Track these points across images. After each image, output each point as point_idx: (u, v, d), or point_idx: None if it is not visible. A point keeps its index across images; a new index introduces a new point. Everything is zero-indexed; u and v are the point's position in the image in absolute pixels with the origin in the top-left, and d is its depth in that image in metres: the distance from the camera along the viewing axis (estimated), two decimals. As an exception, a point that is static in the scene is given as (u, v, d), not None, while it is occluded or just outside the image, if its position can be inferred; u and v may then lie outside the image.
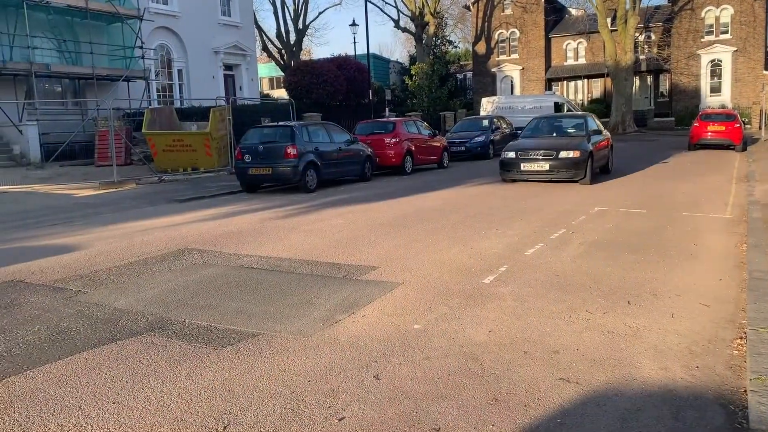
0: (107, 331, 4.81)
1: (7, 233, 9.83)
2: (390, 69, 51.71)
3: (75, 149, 21.43)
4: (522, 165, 13.48)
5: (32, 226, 10.40)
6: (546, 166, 13.20)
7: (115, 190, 15.57)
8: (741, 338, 4.25)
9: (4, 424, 3.33)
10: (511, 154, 13.85)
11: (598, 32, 36.76)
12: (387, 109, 33.94)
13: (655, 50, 40.86)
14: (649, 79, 43.19)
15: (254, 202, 12.75)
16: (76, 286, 6.17)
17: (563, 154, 13.16)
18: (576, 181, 13.39)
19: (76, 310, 5.38)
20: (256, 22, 35.37)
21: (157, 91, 27.67)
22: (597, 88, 44.65)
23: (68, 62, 23.29)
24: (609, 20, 35.33)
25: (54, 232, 9.79)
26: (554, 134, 15.02)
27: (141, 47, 24.33)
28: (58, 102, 23.82)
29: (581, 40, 44.03)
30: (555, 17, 45.29)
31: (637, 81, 41.38)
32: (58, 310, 5.39)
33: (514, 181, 14.09)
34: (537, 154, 13.42)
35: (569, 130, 15.01)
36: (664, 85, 42.82)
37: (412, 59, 46.55)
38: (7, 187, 15.40)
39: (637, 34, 37.25)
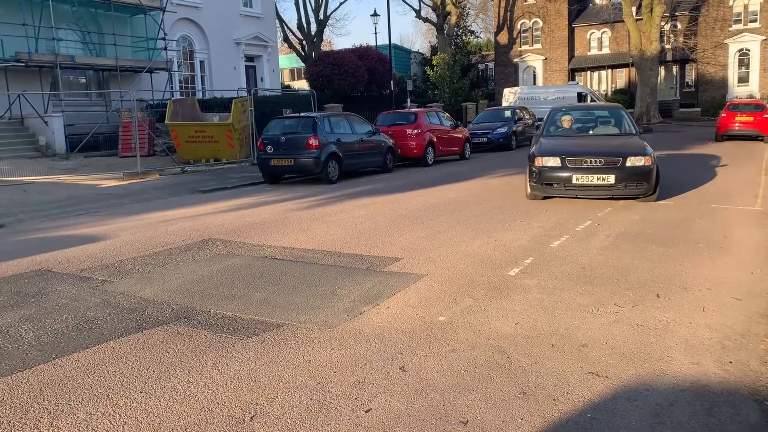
0: (133, 320, 4.84)
1: (34, 223, 9.96)
2: (411, 60, 51.46)
3: (99, 140, 21.64)
4: (574, 177, 9.25)
5: (58, 216, 10.53)
6: (611, 178, 9.07)
7: (138, 180, 15.71)
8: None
9: (34, 412, 3.36)
10: (554, 161, 9.48)
11: (623, 21, 36.19)
12: (408, 100, 33.80)
13: (681, 39, 40.13)
14: (675, 68, 42.46)
15: (276, 193, 12.78)
16: (102, 276, 6.22)
17: (632, 161, 9.15)
18: (637, 199, 9.77)
19: (102, 299, 5.42)
20: (277, 13, 35.36)
21: (180, 82, 27.81)
22: (621, 78, 44.01)
23: (92, 54, 23.47)
24: (634, 9, 34.75)
25: (79, 222, 9.89)
26: (594, 133, 11.37)
27: (164, 39, 24.45)
28: (82, 93, 24.06)
29: (605, 29, 43.40)
30: (578, 6, 44.68)
31: (662, 71, 40.71)
32: (85, 299, 5.44)
33: (547, 197, 10.18)
34: (595, 162, 9.23)
35: (611, 128, 11.39)
36: (690, 75, 42.07)
37: (434, 50, 46.29)
38: (34, 177, 15.61)
39: (662, 23, 36.58)
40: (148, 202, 11.92)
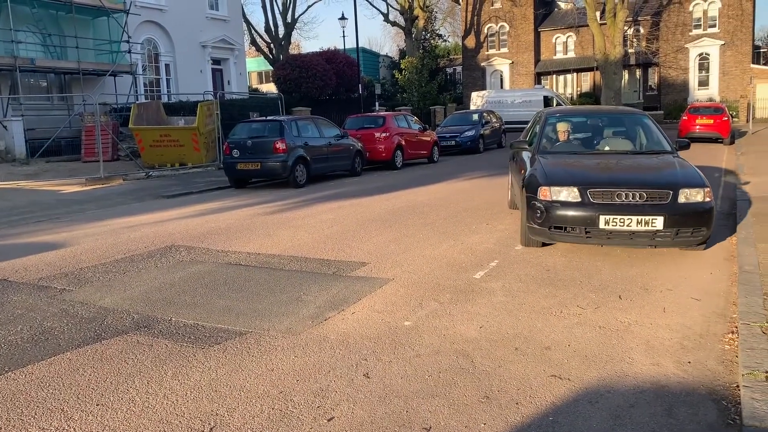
0: (92, 330, 4.72)
1: (-9, 230, 9.67)
2: (380, 63, 51.54)
3: (61, 145, 21.20)
4: (603, 219, 6.07)
5: (17, 223, 10.25)
6: (657, 221, 5.97)
7: (101, 186, 15.40)
8: (732, 333, 4.23)
9: (-17, 428, 3.25)
10: (569, 194, 6.33)
11: (588, 26, 36.78)
12: (377, 104, 33.83)
13: (643, 44, 40.94)
14: (638, 72, 43.26)
15: (243, 198, 12.64)
16: (61, 285, 6.06)
17: (686, 195, 6.16)
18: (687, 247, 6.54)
19: (60, 309, 5.28)
20: (244, 16, 35.10)
21: (144, 85, 27.39)
22: (586, 81, 44.68)
23: (53, 57, 22.99)
24: (598, 14, 35.34)
25: (39, 229, 9.64)
26: (611, 149, 7.78)
27: (127, 41, 24.07)
28: (43, 97, 23.53)
29: (570, 33, 44.04)
30: (544, 11, 45.26)
31: (626, 74, 41.46)
32: (42, 309, 5.29)
33: (549, 241, 6.99)
34: (634, 196, 6.14)
35: (631, 142, 7.92)
36: (653, 79, 42.92)
37: (402, 53, 46.46)
38: (-8, 183, 15.20)
39: (626, 28, 37.28)
40: (110, 208, 11.69)
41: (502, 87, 44.17)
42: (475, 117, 25.00)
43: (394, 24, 45.90)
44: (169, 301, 5.39)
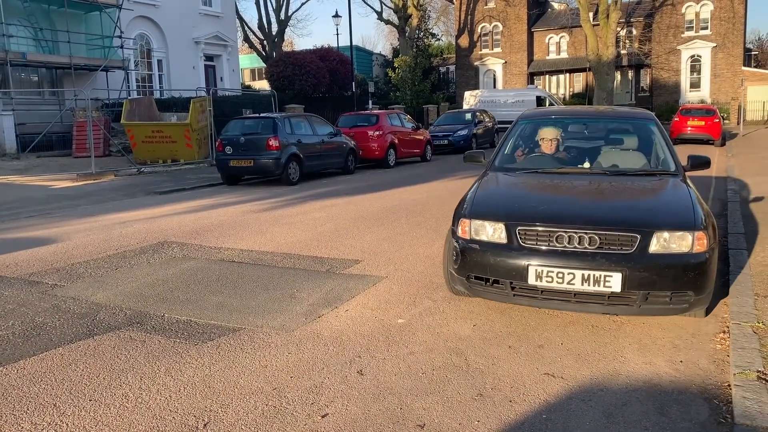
0: (84, 326, 4.70)
1: (-19, 225, 9.60)
2: (373, 61, 51.53)
3: (52, 140, 21.07)
4: (535, 272, 4.21)
5: (7, 219, 10.18)
6: (613, 280, 4.06)
7: (93, 181, 15.31)
8: (724, 332, 4.26)
9: (-25, 423, 3.22)
10: (493, 231, 4.49)
11: (581, 26, 36.91)
12: (370, 102, 33.81)
13: (636, 45, 41.13)
14: (630, 73, 43.49)
15: (235, 195, 12.61)
16: (53, 280, 6.03)
17: (661, 240, 4.17)
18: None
19: (51, 304, 5.25)
20: (237, 13, 34.98)
21: (137, 81, 27.27)
22: (579, 82, 44.87)
23: (45, 51, 22.83)
24: (591, 15, 35.48)
25: (30, 224, 9.58)
26: (593, 168, 5.62)
27: (120, 36, 23.94)
28: (34, 92, 23.38)
29: (564, 34, 44.19)
30: (538, 11, 45.40)
31: (618, 76, 41.66)
32: (34, 304, 5.26)
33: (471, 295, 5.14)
34: (579, 238, 4.22)
35: (629, 156, 5.86)
36: (645, 80, 43.15)
37: (396, 52, 46.45)
38: (-18, 178, 15.09)
39: (618, 29, 37.45)
40: (102, 204, 11.63)
41: (495, 87, 44.27)
42: (468, 116, 25.04)
43: (387, 22, 45.89)
44: (161, 298, 5.37)
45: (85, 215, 10.28)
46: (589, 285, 4.06)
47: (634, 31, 42.12)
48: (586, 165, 5.54)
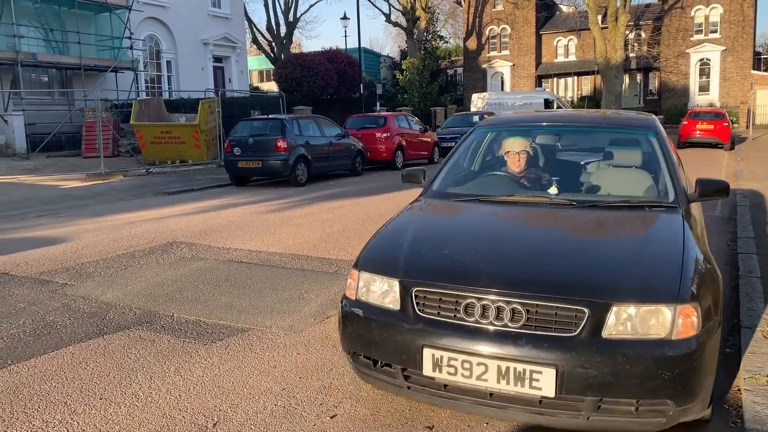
0: (94, 325, 4.72)
1: (-9, 224, 9.67)
2: (381, 63, 51.57)
3: (62, 140, 21.19)
4: (431, 359, 2.80)
5: (17, 218, 10.24)
6: (544, 380, 2.63)
7: (102, 181, 15.39)
8: (734, 337, 4.24)
9: (-13, 420, 3.25)
10: (387, 293, 3.05)
11: (589, 29, 36.81)
12: (378, 104, 33.86)
13: (645, 48, 41.02)
14: (639, 76, 43.36)
15: (243, 196, 12.65)
16: (63, 279, 6.07)
17: (621, 317, 2.66)
18: None
19: (62, 303, 5.28)
20: (246, 14, 35.09)
21: (146, 82, 27.40)
22: (587, 85, 44.77)
23: (55, 52, 22.98)
24: (600, 17, 35.40)
25: (40, 223, 9.64)
26: (561, 197, 3.90)
27: (129, 38, 24.07)
28: (44, 92, 23.53)
29: (572, 37, 44.11)
30: (546, 14, 45.34)
31: (626, 79, 41.53)
32: (44, 303, 5.30)
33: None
34: (500, 312, 2.76)
35: (619, 177, 4.24)
36: (654, 84, 43.01)
37: (403, 54, 46.47)
38: (-8, 177, 15.19)
39: (627, 32, 37.35)
40: (111, 204, 11.68)
41: (502, 89, 44.22)
42: (476, 119, 24.97)
43: (395, 24, 45.92)
44: (170, 297, 5.40)
45: (94, 215, 10.33)
46: (508, 383, 2.66)
47: (643, 34, 42.00)
48: (553, 191, 3.92)
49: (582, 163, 4.66)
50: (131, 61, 24.22)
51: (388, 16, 45.40)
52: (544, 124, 4.97)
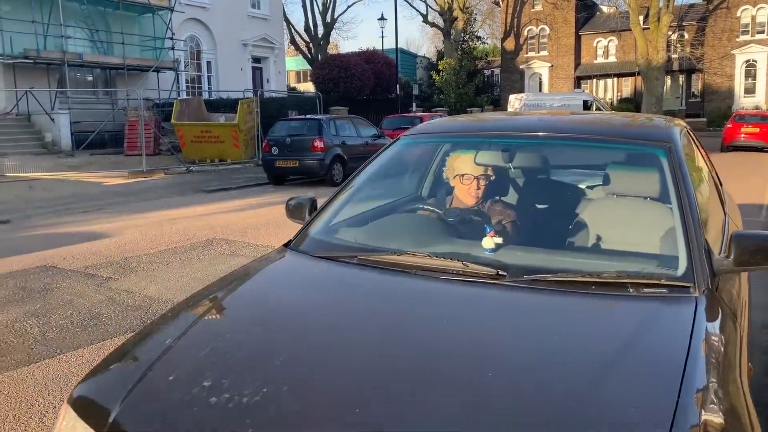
0: (138, 317, 4.85)
1: (39, 219, 10.00)
2: (417, 64, 51.57)
3: (105, 138, 21.73)
4: None
5: (63, 213, 10.56)
6: None
7: (143, 179, 15.75)
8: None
9: (39, 406, 3.38)
10: None
11: (630, 30, 36.22)
12: (414, 104, 33.88)
13: (688, 49, 40.14)
14: (681, 78, 42.46)
15: (281, 194, 12.81)
16: (107, 273, 6.25)
17: None
18: None
19: (107, 296, 5.44)
20: (284, 15, 35.50)
21: (186, 82, 27.92)
22: (627, 86, 44.03)
23: (100, 52, 23.60)
24: (641, 18, 34.79)
25: (84, 219, 9.93)
26: (483, 261, 2.24)
27: (171, 38, 24.56)
28: (89, 91, 24.17)
29: (612, 37, 43.43)
30: (586, 14, 44.72)
31: (668, 80, 40.71)
32: (90, 295, 5.46)
33: None
34: None
35: (588, 233, 2.50)
36: (696, 85, 42.07)
37: (440, 54, 46.41)
38: (39, 173, 15.67)
39: (669, 33, 36.60)
40: (152, 201, 11.95)
41: (540, 90, 43.78)
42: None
43: (433, 25, 45.88)
44: (211, 293, 5.51)
45: (136, 211, 10.59)
46: None
47: (686, 35, 41.11)
48: (488, 244, 2.36)
49: (555, 191, 3.17)
50: (173, 61, 24.71)
51: (425, 17, 45.39)
52: (513, 133, 3.05)
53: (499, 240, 2.39)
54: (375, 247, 2.47)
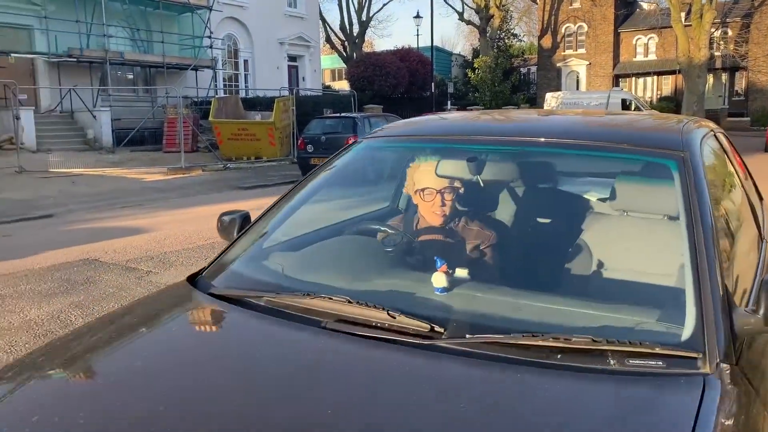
0: (177, 311, 4.94)
1: (81, 214, 10.26)
2: (452, 62, 51.37)
3: (144, 135, 22.17)
4: None
5: (105, 208, 10.81)
6: None
7: (182, 175, 16.03)
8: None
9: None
10: None
11: (671, 27, 35.44)
12: (449, 102, 33.76)
13: (731, 47, 39.15)
14: (724, 76, 41.41)
15: (316, 192, 12.89)
16: (147, 267, 6.37)
17: None
18: None
19: (147, 289, 5.55)
20: (320, 14, 35.71)
21: (224, 80, 28.30)
22: (667, 85, 43.15)
23: (140, 50, 24.07)
24: (683, 14, 34.03)
25: (125, 214, 10.15)
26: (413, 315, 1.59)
27: (209, 37, 24.93)
28: (129, 89, 24.68)
29: (652, 35, 42.59)
30: (625, 11, 43.94)
31: (710, 79, 39.73)
32: (131, 288, 5.58)
33: None
34: None
35: (562, 283, 2.03)
36: (740, 84, 40.98)
37: (475, 52, 46.11)
38: (82, 169, 16.07)
39: (712, 30, 35.72)
40: (191, 197, 12.16)
41: (577, 88, 43.19)
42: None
43: (468, 23, 45.64)
44: (248, 288, 5.58)
45: (175, 207, 10.78)
46: None
47: (730, 32, 40.07)
48: (439, 281, 1.80)
49: (531, 213, 2.53)
50: (211, 60, 25.07)
51: (461, 15, 45.19)
52: (487, 138, 2.44)
53: (464, 272, 1.87)
54: (291, 285, 1.93)
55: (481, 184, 2.46)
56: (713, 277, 1.53)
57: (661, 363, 1.38)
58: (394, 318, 1.57)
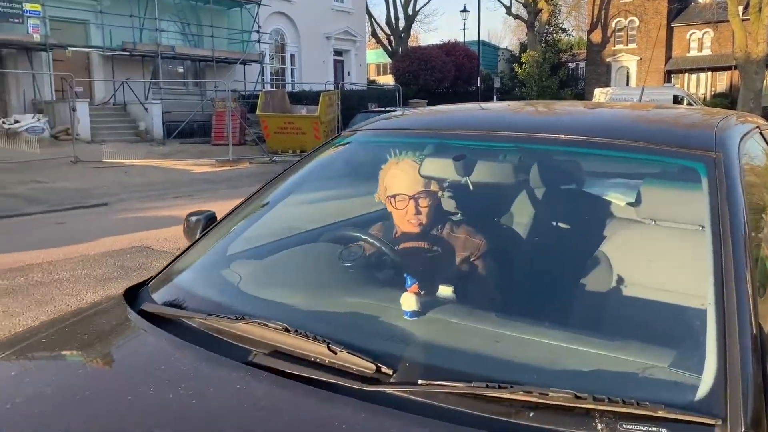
0: (226, 299, 5.04)
1: (133, 203, 10.55)
2: (499, 56, 50.83)
3: (193, 127, 22.64)
4: None
5: (156, 198, 11.09)
6: None
7: (229, 168, 16.31)
8: None
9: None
10: None
11: (727, 21, 34.27)
12: (495, 97, 33.44)
13: (791, 41, 37.63)
14: (783, 72, 39.88)
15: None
16: (197, 256, 6.51)
17: None
18: None
19: (197, 277, 5.68)
20: (367, 8, 35.77)
21: (271, 74, 28.64)
22: (722, 81, 41.79)
23: (191, 45, 24.56)
24: (741, 8, 32.88)
25: (176, 204, 10.39)
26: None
27: (257, 32, 25.26)
28: (179, 82, 25.22)
29: (707, 29, 41.29)
30: (679, 5, 42.69)
31: (768, 75, 38.36)
32: (182, 276, 5.71)
33: None
34: None
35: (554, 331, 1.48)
36: (800, 80, 39.42)
37: (523, 47, 45.49)
38: (134, 160, 16.51)
39: (771, 24, 34.43)
40: (238, 189, 12.36)
41: (627, 84, 42.23)
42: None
43: (516, 17, 45.05)
44: (295, 278, 5.64)
45: (224, 198, 10.97)
46: None
47: (790, 26, 38.52)
48: (408, 304, 1.50)
49: (528, 225, 2.18)
50: (258, 54, 25.41)
51: (508, 9, 44.62)
52: (477, 133, 2.08)
53: (449, 291, 1.60)
54: (233, 303, 1.67)
55: (470, 187, 2.08)
56: (743, 313, 1.18)
57: (664, 431, 1.04)
58: (335, 354, 1.28)
